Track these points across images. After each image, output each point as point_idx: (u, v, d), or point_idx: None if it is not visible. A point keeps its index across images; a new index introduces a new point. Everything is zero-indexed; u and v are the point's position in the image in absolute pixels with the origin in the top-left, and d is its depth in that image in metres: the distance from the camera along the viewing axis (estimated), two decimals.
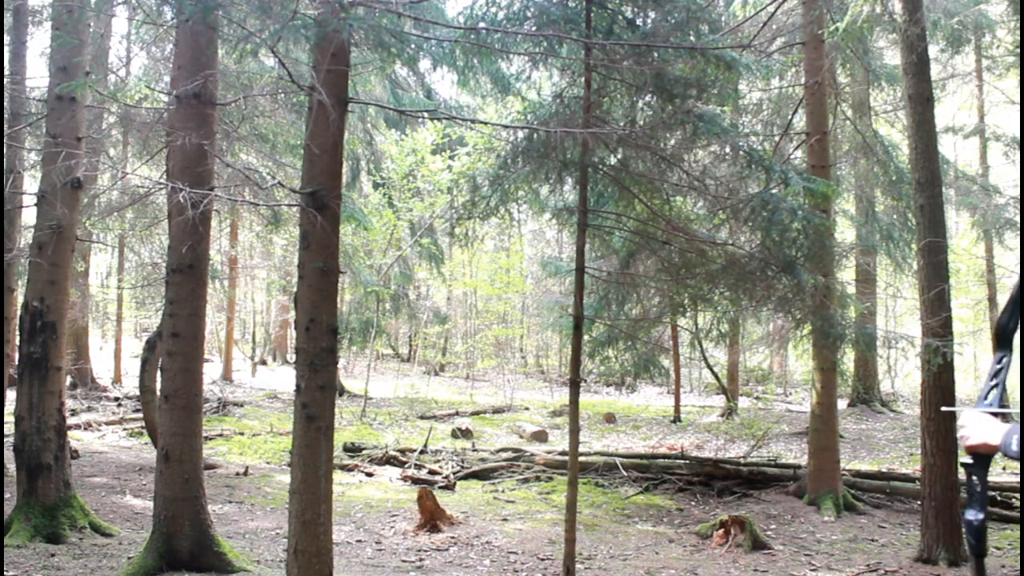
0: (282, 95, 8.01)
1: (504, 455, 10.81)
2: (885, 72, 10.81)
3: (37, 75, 14.90)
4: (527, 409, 17.62)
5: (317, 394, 4.33)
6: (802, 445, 11.74)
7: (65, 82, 6.29)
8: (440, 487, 9.17)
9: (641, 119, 5.64)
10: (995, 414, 2.20)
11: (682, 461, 9.78)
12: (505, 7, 5.19)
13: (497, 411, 16.99)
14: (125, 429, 12.54)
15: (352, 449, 11.31)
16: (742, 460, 9.69)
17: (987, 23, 10.74)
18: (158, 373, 6.83)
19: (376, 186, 17.56)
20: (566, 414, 8.86)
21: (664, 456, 10.39)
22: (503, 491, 9.22)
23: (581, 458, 7.90)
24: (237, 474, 9.62)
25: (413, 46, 4.48)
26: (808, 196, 6.45)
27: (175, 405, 5.48)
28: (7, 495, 6.77)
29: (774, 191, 5.82)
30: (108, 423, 12.89)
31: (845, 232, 15.59)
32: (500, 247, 29.01)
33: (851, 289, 11.55)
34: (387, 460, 10.66)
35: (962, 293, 19.05)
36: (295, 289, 4.51)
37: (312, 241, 4.35)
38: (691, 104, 5.30)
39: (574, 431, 5.58)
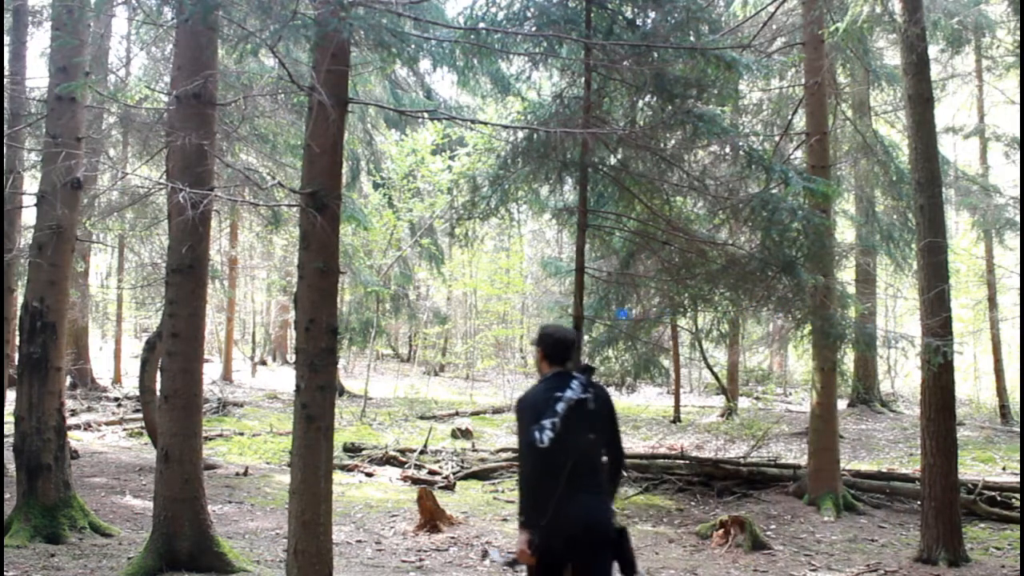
0: (282, 95, 8.00)
1: (504, 455, 10.80)
2: (885, 72, 10.80)
3: (37, 75, 14.90)
4: None
5: (317, 394, 4.33)
6: (802, 445, 11.73)
7: (65, 82, 6.29)
8: (440, 487, 9.17)
9: (641, 119, 5.64)
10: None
11: (682, 461, 9.77)
12: (505, 7, 5.19)
13: (497, 411, 16.98)
14: (125, 429, 12.54)
15: (352, 449, 11.31)
16: (742, 460, 9.68)
17: (987, 23, 10.74)
18: (158, 373, 6.83)
19: (376, 186, 17.55)
20: None
21: (664, 456, 10.38)
22: (503, 491, 9.22)
23: None
24: (237, 474, 9.62)
25: (413, 46, 4.48)
26: (808, 196, 6.45)
27: (175, 405, 5.48)
28: (7, 495, 6.77)
29: (774, 191, 5.83)
30: (108, 423, 12.89)
31: (845, 232, 15.59)
32: (500, 247, 28.99)
33: (851, 289, 11.55)
34: (387, 460, 10.65)
35: (962, 293, 19.04)
36: (295, 289, 4.51)
37: (312, 241, 4.35)
38: (691, 104, 5.30)
39: None
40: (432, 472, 9.96)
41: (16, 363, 9.46)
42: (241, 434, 12.50)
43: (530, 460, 3.38)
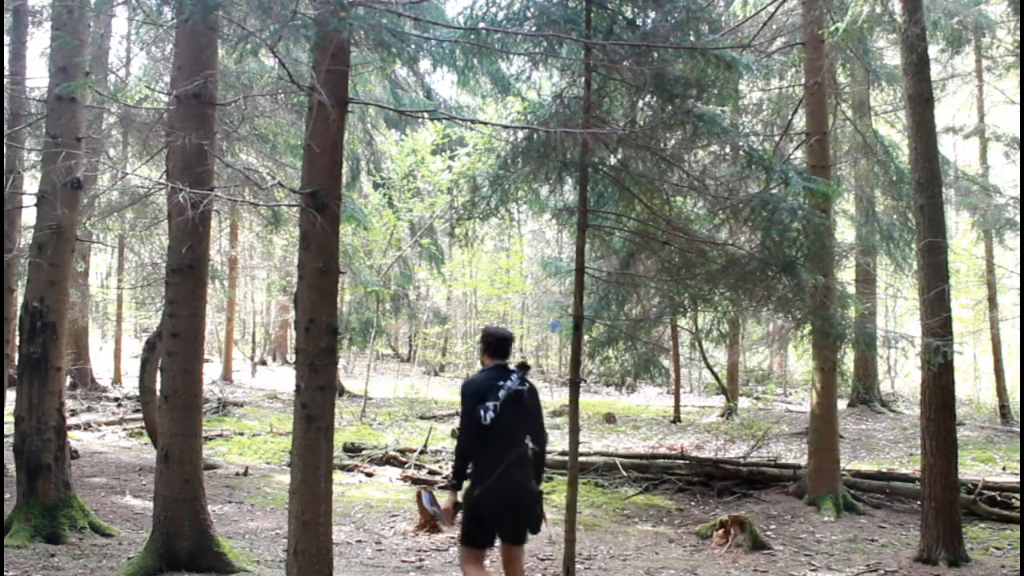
0: (282, 95, 8.00)
1: None
2: (885, 72, 10.80)
3: (37, 75, 14.91)
4: None
5: (317, 394, 4.33)
6: (802, 445, 11.74)
7: (65, 82, 6.29)
8: (440, 487, 9.17)
9: (641, 119, 5.63)
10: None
11: (682, 461, 9.77)
12: (505, 7, 5.18)
13: None
14: (125, 429, 12.54)
15: (352, 449, 11.31)
16: (742, 460, 9.68)
17: (987, 23, 10.74)
18: (158, 373, 6.83)
19: (376, 186, 17.55)
20: (566, 414, 8.85)
21: (664, 456, 10.38)
22: None
23: (581, 458, 7.87)
24: (237, 474, 9.62)
25: (413, 46, 4.47)
26: (808, 196, 6.44)
27: (175, 405, 5.48)
28: (7, 495, 6.77)
29: (774, 191, 5.82)
30: (108, 423, 12.90)
31: (845, 232, 15.59)
32: (500, 247, 29.00)
33: (851, 289, 11.55)
34: (387, 460, 10.65)
35: (962, 293, 19.05)
36: (295, 289, 4.51)
37: (312, 241, 4.35)
38: (691, 104, 5.29)
39: (574, 431, 5.58)
40: (432, 472, 9.95)
41: (16, 363, 9.46)
42: (241, 434, 12.50)
43: (471, 434, 4.14)
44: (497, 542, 4.31)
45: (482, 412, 4.08)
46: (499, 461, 4.09)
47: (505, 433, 4.13)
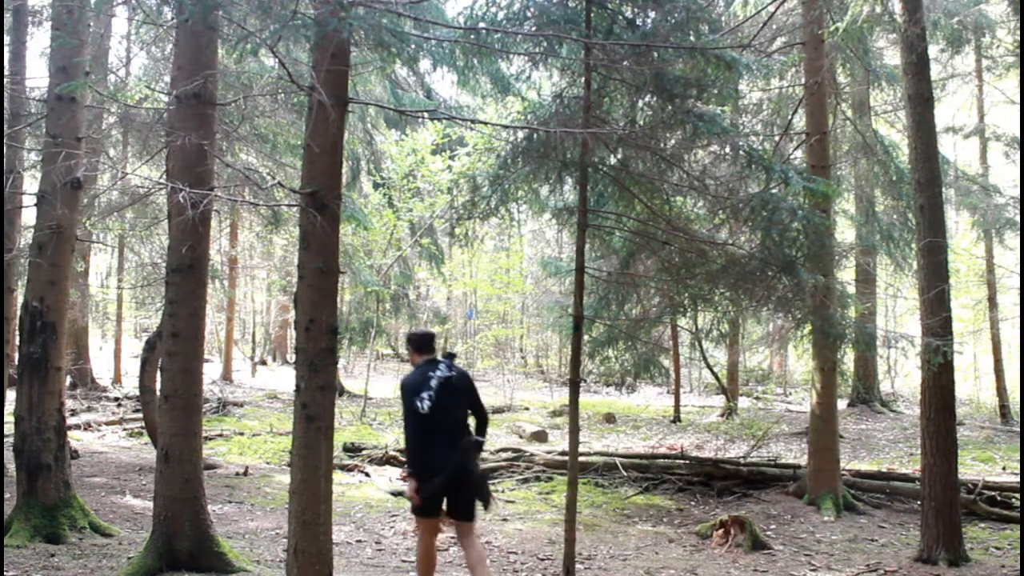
0: (282, 95, 8.01)
1: (504, 455, 10.80)
2: (885, 72, 10.80)
3: (37, 75, 14.93)
4: (527, 409, 17.62)
5: (317, 394, 4.33)
6: (802, 445, 11.74)
7: (65, 82, 6.29)
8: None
9: (641, 119, 5.63)
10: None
11: (682, 461, 9.77)
12: (505, 7, 5.19)
13: (497, 411, 16.98)
14: (125, 429, 12.54)
15: (352, 449, 11.31)
16: (742, 460, 9.68)
17: (987, 23, 10.75)
18: (158, 373, 6.82)
19: (376, 186, 17.54)
20: (566, 414, 8.85)
21: (664, 456, 10.38)
22: (503, 491, 9.22)
23: (581, 458, 7.88)
24: (237, 474, 9.62)
25: (413, 46, 4.48)
26: (808, 196, 6.45)
27: (175, 405, 5.48)
28: (7, 495, 6.77)
29: (774, 191, 5.82)
30: (108, 423, 12.89)
31: (845, 232, 15.60)
32: (500, 247, 29.01)
33: (851, 289, 11.55)
34: (387, 460, 10.65)
35: (962, 293, 19.04)
36: (295, 289, 4.51)
37: (312, 241, 4.35)
38: (691, 104, 5.29)
39: (574, 431, 5.58)
40: None
41: (16, 363, 9.46)
42: (241, 434, 12.49)
43: (415, 424, 4.66)
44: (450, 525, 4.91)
45: (419, 403, 4.59)
46: (440, 443, 4.61)
47: (445, 417, 4.65)
